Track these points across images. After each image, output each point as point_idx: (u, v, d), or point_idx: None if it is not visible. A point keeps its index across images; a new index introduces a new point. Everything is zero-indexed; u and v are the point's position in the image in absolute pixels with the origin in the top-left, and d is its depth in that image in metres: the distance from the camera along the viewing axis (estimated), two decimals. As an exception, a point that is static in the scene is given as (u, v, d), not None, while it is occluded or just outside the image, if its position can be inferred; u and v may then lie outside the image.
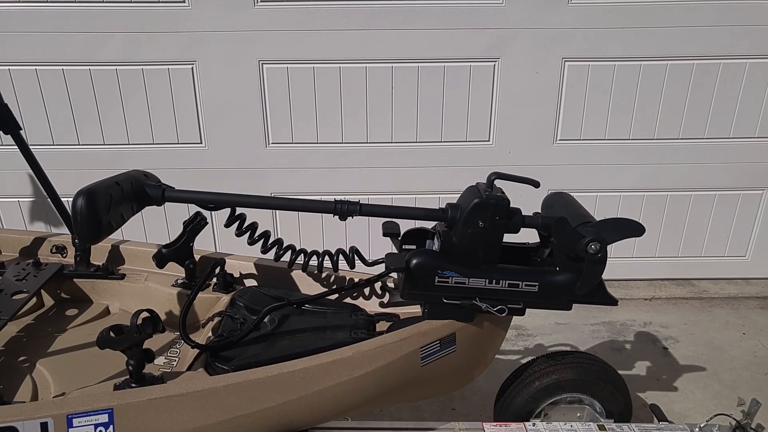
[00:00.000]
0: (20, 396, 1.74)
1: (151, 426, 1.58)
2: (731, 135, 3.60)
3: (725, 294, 3.88)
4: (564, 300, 1.88)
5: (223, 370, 1.73)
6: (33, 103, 3.36)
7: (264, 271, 2.28)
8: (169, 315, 2.16)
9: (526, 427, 1.96)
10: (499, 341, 2.08)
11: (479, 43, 3.34)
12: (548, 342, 3.34)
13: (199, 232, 2.18)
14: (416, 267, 1.80)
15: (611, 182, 3.70)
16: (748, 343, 3.38)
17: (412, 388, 1.94)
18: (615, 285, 3.88)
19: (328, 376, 1.73)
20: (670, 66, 3.43)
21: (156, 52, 3.29)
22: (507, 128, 3.55)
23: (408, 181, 3.63)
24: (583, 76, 3.44)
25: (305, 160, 3.57)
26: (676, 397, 2.91)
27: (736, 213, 3.81)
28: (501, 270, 1.83)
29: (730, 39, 3.38)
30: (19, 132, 2.46)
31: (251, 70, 3.35)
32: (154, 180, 1.91)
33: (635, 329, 3.50)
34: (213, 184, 3.46)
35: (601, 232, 1.77)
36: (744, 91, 3.50)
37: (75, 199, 1.60)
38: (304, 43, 3.30)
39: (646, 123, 3.57)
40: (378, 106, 3.46)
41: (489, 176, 1.79)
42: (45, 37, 3.22)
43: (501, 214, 1.76)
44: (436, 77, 3.41)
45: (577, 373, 2.11)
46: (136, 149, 3.50)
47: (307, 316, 2.06)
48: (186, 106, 3.42)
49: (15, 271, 2.18)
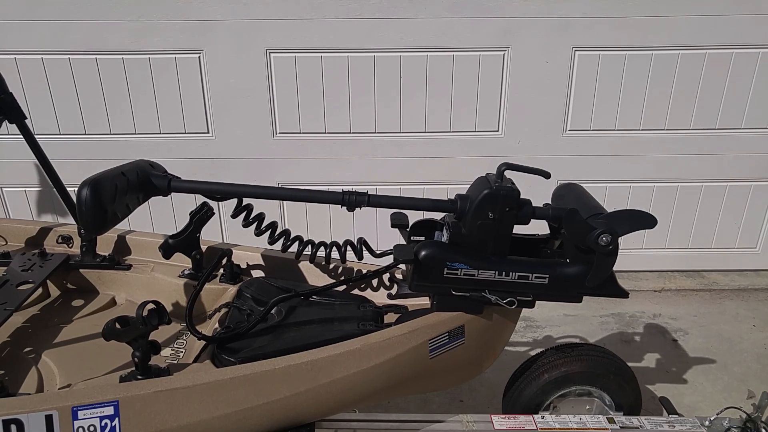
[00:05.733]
0: (26, 387, 1.73)
1: (157, 418, 1.57)
2: (743, 125, 3.56)
3: (735, 286, 3.86)
4: (574, 292, 1.86)
5: (230, 362, 1.72)
6: (39, 92, 3.35)
7: (271, 262, 2.27)
8: (176, 306, 2.15)
9: (534, 420, 1.96)
10: (508, 333, 2.06)
11: (489, 32, 3.31)
12: (557, 334, 3.32)
13: (205, 223, 2.16)
14: (425, 258, 1.78)
15: (621, 173, 3.67)
16: (758, 336, 3.36)
17: (421, 380, 1.93)
18: (624, 276, 3.86)
19: (336, 369, 1.72)
20: (682, 55, 3.39)
21: (163, 41, 3.27)
22: (516, 118, 3.52)
23: (416, 171, 3.61)
24: (594, 66, 3.41)
25: (313, 149, 3.55)
26: (685, 389, 2.90)
27: (747, 204, 3.78)
28: (511, 262, 1.81)
29: (743, 28, 3.33)
30: (24, 121, 2.46)
31: (258, 58, 3.33)
32: (160, 170, 1.90)
33: (645, 321, 3.48)
34: (220, 174, 3.46)
35: (612, 223, 1.74)
36: (756, 81, 3.46)
37: (80, 190, 1.59)
38: (312, 32, 3.27)
39: (657, 113, 3.53)
40: (386, 96, 3.44)
41: (499, 167, 1.77)
42: (51, 25, 3.21)
43: (511, 205, 1.74)
44: (445, 66, 3.38)
45: (586, 365, 2.11)
46: (142, 139, 3.49)
47: (315, 308, 2.05)
48: (193, 95, 3.41)
49: (21, 262, 2.17)
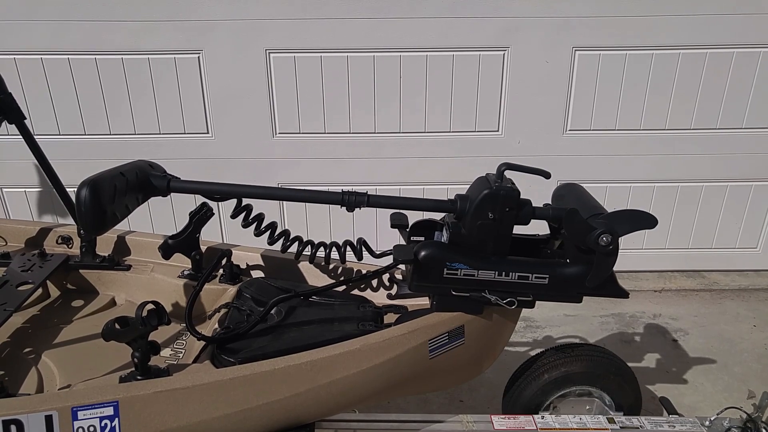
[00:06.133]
0: (26, 388, 1.73)
1: (157, 419, 1.57)
2: (744, 125, 3.56)
3: (736, 286, 3.85)
4: (574, 292, 1.86)
5: (230, 363, 1.72)
6: (39, 92, 3.35)
7: (271, 263, 2.27)
8: (176, 306, 2.15)
9: (534, 420, 1.95)
10: (508, 334, 2.06)
11: (489, 31, 3.30)
12: (557, 334, 3.32)
13: (205, 223, 2.16)
14: (425, 259, 1.77)
15: (622, 173, 3.66)
16: (758, 336, 3.35)
17: (420, 380, 1.93)
18: (624, 276, 3.85)
19: (336, 369, 1.72)
20: (683, 55, 3.39)
21: (162, 41, 3.26)
22: (516, 118, 3.51)
23: (416, 171, 3.60)
24: (594, 66, 3.40)
25: (312, 149, 3.54)
26: (686, 389, 2.89)
27: (747, 204, 3.77)
28: (511, 262, 1.81)
29: (744, 27, 3.33)
30: (23, 121, 2.45)
31: (258, 59, 3.33)
32: (160, 170, 1.89)
33: (645, 321, 3.48)
34: (219, 175, 3.46)
35: (612, 224, 1.74)
36: (757, 81, 3.45)
37: (79, 190, 1.59)
38: (311, 32, 3.27)
39: (657, 113, 3.52)
40: (386, 96, 3.43)
41: (499, 167, 1.77)
42: (50, 25, 3.20)
43: (511, 205, 1.74)
44: (445, 66, 3.37)
45: (586, 365, 2.10)
46: (142, 139, 3.48)
47: (315, 308, 2.05)
48: (192, 95, 3.40)
49: (20, 262, 2.17)
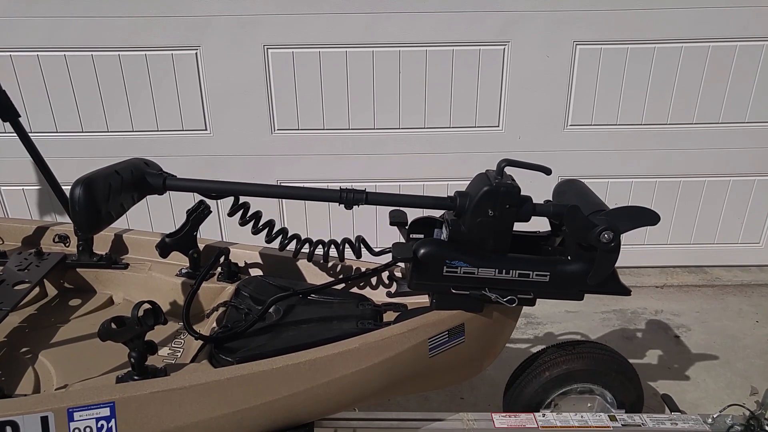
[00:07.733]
0: (22, 388, 1.71)
1: (154, 419, 1.55)
2: (747, 120, 3.53)
3: (738, 281, 3.84)
4: (576, 290, 1.84)
5: (228, 362, 1.70)
6: (35, 89, 3.33)
7: (269, 261, 2.25)
8: (173, 305, 2.13)
9: (535, 418, 1.94)
10: (508, 331, 2.04)
11: (488, 26, 3.28)
12: (558, 331, 3.31)
13: (202, 221, 2.14)
14: (424, 257, 1.76)
15: (623, 168, 3.64)
16: (761, 332, 3.34)
17: (420, 379, 1.91)
18: (626, 272, 3.83)
19: (335, 368, 1.70)
20: (685, 49, 3.36)
21: (159, 37, 3.24)
22: (517, 113, 3.49)
23: (416, 168, 3.58)
24: (595, 60, 3.38)
25: (311, 146, 3.53)
26: (688, 386, 2.88)
27: (750, 199, 3.76)
28: (511, 259, 1.79)
29: (746, 21, 3.30)
30: (18, 119, 2.43)
31: (256, 54, 3.30)
32: (155, 168, 1.88)
33: (646, 317, 3.46)
34: (218, 172, 3.44)
35: (614, 220, 1.73)
36: (760, 75, 3.43)
37: (72, 189, 1.57)
38: (310, 27, 3.25)
39: (659, 107, 3.50)
40: (385, 91, 3.41)
41: (499, 163, 1.75)
42: (46, 21, 3.18)
43: (511, 202, 1.72)
44: (445, 61, 3.35)
45: (587, 363, 2.09)
46: (140, 136, 3.47)
47: (313, 307, 2.03)
48: (190, 92, 3.38)
49: (17, 261, 2.15)
